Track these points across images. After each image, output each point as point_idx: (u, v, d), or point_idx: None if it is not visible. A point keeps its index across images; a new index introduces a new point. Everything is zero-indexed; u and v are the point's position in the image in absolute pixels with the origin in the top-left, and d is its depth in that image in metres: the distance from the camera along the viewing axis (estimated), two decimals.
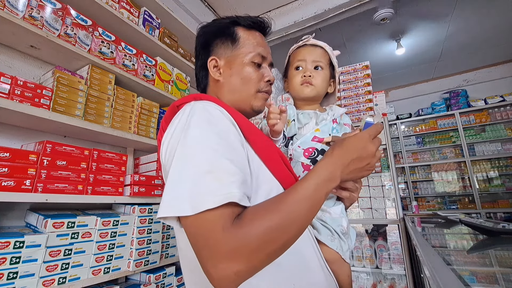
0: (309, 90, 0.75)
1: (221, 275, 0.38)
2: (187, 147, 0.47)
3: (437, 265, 0.64)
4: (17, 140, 1.15)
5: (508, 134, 3.96)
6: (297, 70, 0.78)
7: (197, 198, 0.41)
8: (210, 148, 0.46)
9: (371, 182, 2.21)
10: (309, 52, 0.78)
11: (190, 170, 0.44)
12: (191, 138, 0.48)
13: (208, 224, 0.40)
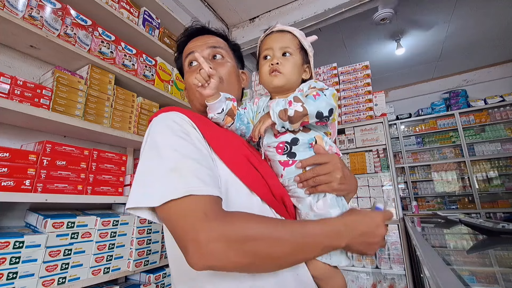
0: (278, 79, 0.68)
1: (192, 256, 0.41)
2: (152, 149, 0.51)
3: (437, 265, 0.64)
4: (17, 140, 1.15)
5: (508, 134, 3.96)
6: (265, 59, 0.72)
7: (164, 191, 0.44)
8: (173, 149, 0.49)
9: (371, 182, 2.21)
10: (275, 39, 0.71)
11: (156, 168, 0.48)
12: (154, 141, 0.52)
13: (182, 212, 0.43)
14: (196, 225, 0.42)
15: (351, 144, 2.36)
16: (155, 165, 0.48)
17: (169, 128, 0.53)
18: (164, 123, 0.55)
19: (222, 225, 0.42)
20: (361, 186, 2.24)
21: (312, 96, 0.60)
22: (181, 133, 0.53)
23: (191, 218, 0.42)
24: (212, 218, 0.42)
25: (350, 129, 2.39)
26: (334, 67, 2.62)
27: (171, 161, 0.48)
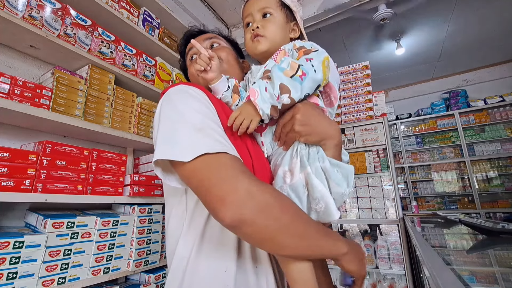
0: (261, 44, 0.63)
1: (224, 209, 0.41)
2: (173, 112, 0.51)
3: (437, 265, 0.64)
4: (17, 140, 1.15)
5: (508, 134, 3.96)
6: (248, 27, 0.67)
7: (193, 146, 0.45)
8: (196, 111, 0.51)
9: (371, 182, 2.21)
10: (253, 2, 0.66)
11: (181, 128, 0.48)
12: (175, 105, 0.52)
13: (211, 166, 0.44)
14: (235, 177, 0.43)
15: (351, 144, 2.36)
16: (180, 125, 0.48)
17: (190, 95, 0.54)
18: (184, 92, 0.55)
19: (258, 183, 0.44)
20: (361, 186, 2.25)
21: (299, 78, 0.54)
22: (204, 100, 0.54)
23: (229, 171, 0.43)
24: (248, 175, 0.44)
25: (350, 129, 2.39)
26: None
27: (197, 122, 0.48)
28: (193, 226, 0.54)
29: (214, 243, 0.53)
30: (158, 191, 1.45)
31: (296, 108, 0.55)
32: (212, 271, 0.51)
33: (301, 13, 0.71)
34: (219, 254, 0.53)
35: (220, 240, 0.53)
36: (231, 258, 0.52)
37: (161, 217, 1.43)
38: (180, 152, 0.44)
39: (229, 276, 0.51)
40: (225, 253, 0.53)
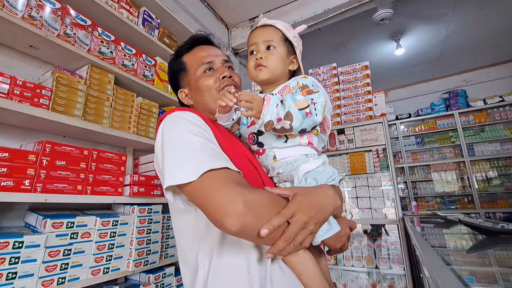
0: (262, 73, 0.71)
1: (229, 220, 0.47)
2: (176, 137, 0.58)
3: (437, 265, 0.64)
4: (16, 140, 1.15)
5: (507, 134, 3.96)
6: (252, 54, 0.74)
7: (197, 166, 0.51)
8: (195, 134, 0.57)
9: (371, 182, 2.21)
10: (259, 33, 0.74)
11: (184, 152, 0.54)
12: (176, 132, 0.59)
13: (211, 184, 0.49)
14: (235, 190, 0.49)
15: (350, 144, 2.36)
16: (182, 149, 0.55)
17: (187, 121, 0.61)
18: (181, 118, 0.62)
19: (255, 193, 0.51)
20: (360, 186, 2.25)
21: (304, 114, 0.61)
22: (200, 124, 0.61)
23: (229, 185, 0.49)
24: (246, 186, 0.52)
25: (350, 129, 2.39)
26: (334, 67, 2.62)
27: (197, 144, 0.55)
28: (209, 235, 0.59)
29: (234, 241, 0.58)
30: (158, 191, 1.45)
31: (296, 221, 0.53)
32: (235, 271, 0.56)
33: (301, 47, 0.79)
34: (240, 252, 0.58)
35: (238, 242, 0.58)
36: (252, 256, 0.58)
37: (161, 217, 1.43)
38: (186, 175, 0.50)
39: (253, 276, 0.55)
40: (246, 248, 0.58)
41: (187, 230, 0.63)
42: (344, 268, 2.19)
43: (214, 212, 0.48)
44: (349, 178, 2.35)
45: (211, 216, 0.49)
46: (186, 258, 0.63)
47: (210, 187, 0.49)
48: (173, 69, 0.82)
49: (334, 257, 2.24)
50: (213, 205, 0.48)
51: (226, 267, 0.57)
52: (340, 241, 0.64)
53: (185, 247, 0.64)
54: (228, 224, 0.47)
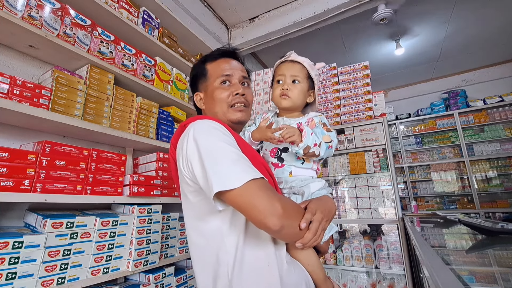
0: (286, 101, 0.85)
1: (272, 220, 0.56)
2: (213, 147, 0.62)
3: (436, 265, 0.64)
4: (16, 140, 1.15)
5: (507, 134, 3.97)
6: (278, 83, 0.87)
7: (241, 174, 0.58)
8: (228, 144, 0.63)
9: (370, 182, 2.21)
10: (288, 67, 0.87)
11: (226, 160, 0.60)
12: (212, 139, 0.64)
13: (255, 191, 0.57)
14: (272, 197, 0.58)
15: (350, 144, 2.36)
16: (222, 159, 0.60)
17: (218, 130, 0.67)
18: (212, 127, 0.67)
19: (285, 199, 0.63)
20: (360, 186, 2.25)
21: (328, 146, 0.79)
22: (227, 133, 0.68)
23: (268, 192, 0.58)
24: (277, 194, 0.61)
25: (350, 129, 2.39)
26: (334, 67, 2.62)
27: (234, 154, 0.61)
28: (233, 233, 0.66)
29: (255, 237, 0.67)
30: (157, 191, 1.45)
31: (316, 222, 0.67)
32: (258, 264, 0.65)
33: (319, 84, 0.96)
34: (260, 245, 0.67)
35: (258, 237, 0.68)
36: (271, 249, 0.67)
37: (160, 217, 1.43)
38: (233, 182, 0.57)
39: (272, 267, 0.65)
40: (265, 243, 0.68)
41: (217, 231, 0.67)
42: (344, 268, 2.19)
43: (259, 214, 0.56)
44: (348, 178, 2.35)
45: (255, 217, 0.57)
46: (205, 258, 0.68)
47: (254, 193, 0.57)
48: (195, 72, 0.88)
49: (334, 257, 2.24)
50: (257, 209, 0.56)
51: (249, 261, 0.64)
52: (328, 244, 0.78)
53: (207, 248, 0.68)
54: (271, 224, 0.55)
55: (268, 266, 0.65)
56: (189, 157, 0.65)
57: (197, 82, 0.87)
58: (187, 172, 0.67)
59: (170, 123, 1.76)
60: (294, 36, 2.95)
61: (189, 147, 0.65)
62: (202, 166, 0.61)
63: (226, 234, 0.66)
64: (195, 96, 0.88)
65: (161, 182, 1.47)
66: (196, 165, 0.63)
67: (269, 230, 0.58)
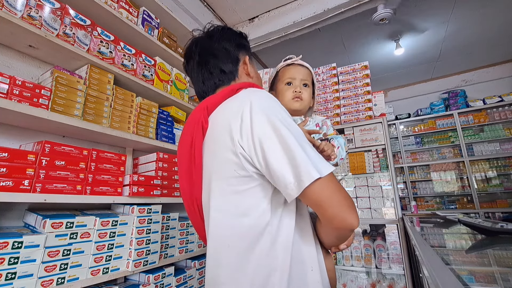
0: (298, 104, 0.85)
1: (354, 217, 0.51)
2: (294, 128, 0.55)
3: (436, 265, 0.64)
4: (16, 140, 1.15)
5: (507, 134, 3.97)
6: (288, 85, 0.87)
7: (321, 164, 0.52)
8: (299, 129, 0.57)
9: (370, 182, 2.21)
10: (298, 71, 0.88)
11: (306, 144, 0.54)
12: (288, 120, 0.56)
13: (337, 183, 0.53)
14: (346, 191, 0.54)
15: (350, 144, 2.36)
16: (304, 144, 0.53)
17: (285, 111, 0.59)
18: (277, 102, 0.60)
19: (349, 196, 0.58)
20: (360, 186, 2.25)
21: (346, 154, 0.85)
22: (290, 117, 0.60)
23: (341, 186, 0.54)
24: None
25: (349, 129, 2.39)
26: (333, 67, 2.62)
27: (306, 141, 0.55)
28: (283, 229, 0.57)
29: (301, 238, 0.60)
30: (157, 191, 1.44)
31: None
32: (303, 266, 0.58)
33: (317, 91, 0.96)
34: (306, 247, 0.60)
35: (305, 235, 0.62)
36: (314, 252, 0.61)
37: (160, 217, 1.43)
38: (324, 169, 0.51)
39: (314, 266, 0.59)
40: (310, 245, 0.61)
41: (263, 230, 0.56)
42: (344, 268, 2.19)
43: (343, 209, 0.50)
44: (348, 178, 2.35)
45: (337, 213, 0.50)
46: (243, 264, 0.55)
47: (336, 185, 0.52)
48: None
49: (334, 257, 2.24)
50: (341, 203, 0.51)
51: (296, 267, 0.56)
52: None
53: (248, 251, 0.55)
54: (354, 221, 0.50)
55: (312, 271, 0.58)
56: (258, 131, 0.52)
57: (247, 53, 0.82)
58: (247, 151, 0.53)
59: (170, 123, 1.76)
60: (294, 36, 2.95)
61: (258, 120, 0.53)
62: (284, 146, 0.50)
63: (276, 233, 0.55)
64: (246, 59, 0.77)
65: (161, 182, 1.47)
66: (272, 144, 0.51)
67: (348, 230, 0.52)
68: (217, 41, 0.76)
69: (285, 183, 0.50)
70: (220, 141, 0.57)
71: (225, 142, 0.56)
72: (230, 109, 0.59)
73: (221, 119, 0.60)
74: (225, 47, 0.76)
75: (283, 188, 0.52)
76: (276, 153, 0.51)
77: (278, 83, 0.89)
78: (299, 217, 0.61)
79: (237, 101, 0.59)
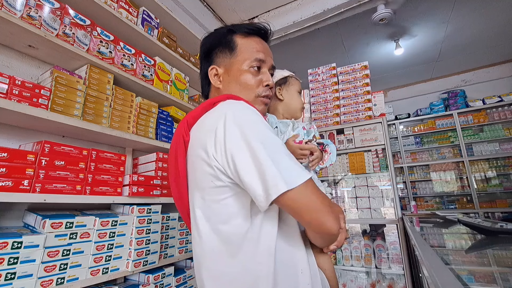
0: (302, 114, 0.98)
1: (332, 222, 0.52)
2: (264, 135, 0.54)
3: (436, 265, 0.64)
4: (15, 140, 1.15)
5: (506, 134, 3.97)
6: (299, 94, 0.97)
7: (301, 171, 0.52)
8: (275, 136, 0.57)
9: (370, 182, 2.22)
10: (301, 88, 1.00)
11: (281, 153, 0.54)
12: (259, 127, 0.55)
13: (313, 190, 0.52)
14: (326, 198, 0.54)
15: (350, 144, 2.36)
16: (277, 153, 0.53)
17: (260, 116, 0.59)
18: (252, 111, 0.59)
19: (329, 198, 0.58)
20: (360, 186, 2.25)
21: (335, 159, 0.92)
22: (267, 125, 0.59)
23: (321, 193, 0.53)
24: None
25: (349, 129, 2.39)
26: (333, 67, 2.62)
27: (284, 149, 0.55)
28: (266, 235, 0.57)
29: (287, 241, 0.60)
30: (157, 191, 1.44)
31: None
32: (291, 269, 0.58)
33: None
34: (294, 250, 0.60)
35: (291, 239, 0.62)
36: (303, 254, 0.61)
37: (160, 217, 1.43)
38: (295, 179, 0.50)
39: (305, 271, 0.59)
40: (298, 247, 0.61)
41: (245, 236, 0.56)
42: (344, 268, 2.19)
43: (320, 216, 0.51)
44: (348, 178, 2.35)
45: (315, 220, 0.51)
46: (226, 270, 0.57)
47: (313, 192, 0.52)
48: (216, 42, 0.73)
49: (334, 257, 2.24)
50: (318, 210, 0.51)
51: (283, 269, 0.57)
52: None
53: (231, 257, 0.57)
54: (333, 227, 0.51)
55: (302, 273, 0.58)
56: (230, 145, 0.53)
57: (216, 53, 0.73)
58: (221, 164, 0.55)
59: (170, 123, 1.76)
60: (294, 36, 2.96)
61: (230, 133, 0.53)
62: (255, 159, 0.51)
63: (258, 239, 0.56)
64: (209, 70, 0.73)
65: (160, 182, 1.47)
66: (242, 156, 0.52)
67: (327, 234, 0.53)
68: (200, 49, 0.80)
69: (255, 195, 0.52)
70: (198, 154, 0.59)
71: (201, 155, 0.58)
72: (206, 123, 0.61)
73: (198, 132, 0.61)
74: (200, 58, 0.81)
75: (255, 200, 0.53)
76: (246, 167, 0.52)
77: (290, 86, 0.95)
78: (283, 222, 0.61)
79: (213, 115, 0.60)
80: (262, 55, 0.70)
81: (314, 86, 2.67)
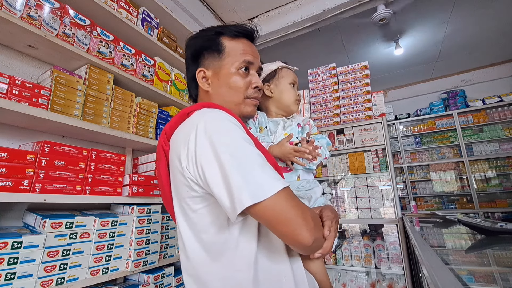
0: (297, 107, 0.91)
1: (305, 234, 0.49)
2: (235, 146, 0.52)
3: (436, 265, 0.64)
4: (15, 140, 1.15)
5: (506, 134, 3.98)
6: (292, 86, 0.91)
7: (272, 182, 0.49)
8: (249, 144, 0.54)
9: (370, 182, 2.22)
10: (296, 77, 0.93)
11: (251, 163, 0.51)
12: (230, 137, 0.54)
13: (287, 201, 0.50)
14: (303, 209, 0.51)
15: (350, 144, 2.36)
16: (247, 163, 0.51)
17: (235, 124, 0.57)
18: (228, 120, 0.57)
19: (309, 208, 0.56)
20: (359, 186, 2.25)
21: (329, 154, 0.90)
22: (242, 128, 0.58)
23: (297, 203, 0.51)
24: (302, 203, 0.54)
25: (349, 129, 2.39)
26: (333, 67, 2.62)
27: (257, 157, 0.53)
28: (245, 243, 0.56)
29: (269, 250, 0.59)
30: (157, 191, 1.44)
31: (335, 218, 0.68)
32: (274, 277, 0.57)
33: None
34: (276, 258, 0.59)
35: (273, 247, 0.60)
36: (286, 262, 0.59)
37: (160, 217, 1.43)
38: (263, 192, 0.48)
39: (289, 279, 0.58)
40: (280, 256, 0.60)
41: (224, 245, 0.57)
42: (343, 268, 2.19)
43: (292, 229, 0.48)
44: (348, 178, 2.35)
45: (287, 233, 0.49)
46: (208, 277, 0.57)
47: (286, 204, 0.49)
48: (203, 44, 0.72)
49: (334, 257, 2.24)
50: (290, 223, 0.48)
51: (265, 278, 0.56)
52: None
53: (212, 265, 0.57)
54: (305, 240, 0.49)
55: (285, 281, 0.57)
56: (200, 158, 0.53)
57: (204, 55, 0.72)
58: (193, 175, 0.55)
59: None
60: (294, 36, 2.96)
61: (200, 145, 0.53)
62: (222, 172, 0.50)
63: (236, 248, 0.55)
64: (197, 73, 0.72)
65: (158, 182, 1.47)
66: (211, 169, 0.51)
67: (300, 246, 0.51)
68: (186, 51, 0.77)
69: (224, 207, 0.51)
70: (175, 165, 0.59)
71: (177, 166, 0.58)
72: (180, 134, 0.61)
73: (175, 144, 0.61)
74: (186, 60, 0.78)
75: (225, 211, 0.52)
76: (215, 179, 0.51)
77: (280, 79, 0.90)
78: (264, 229, 0.59)
79: (187, 126, 0.60)
80: (251, 57, 0.71)
81: (314, 86, 2.67)
